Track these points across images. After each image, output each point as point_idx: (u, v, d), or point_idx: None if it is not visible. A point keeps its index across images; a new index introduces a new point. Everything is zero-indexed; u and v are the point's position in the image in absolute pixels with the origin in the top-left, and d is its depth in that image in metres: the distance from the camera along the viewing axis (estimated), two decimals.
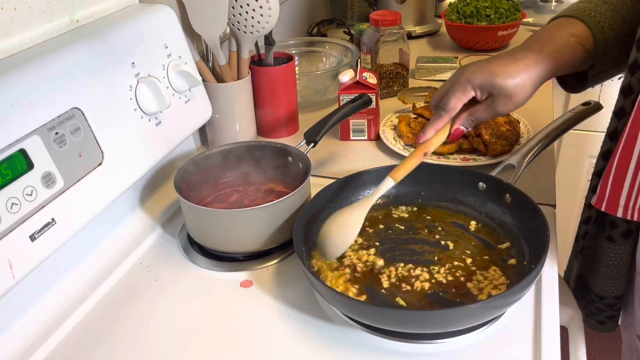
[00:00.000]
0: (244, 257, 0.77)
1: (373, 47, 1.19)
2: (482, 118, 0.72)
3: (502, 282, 0.67)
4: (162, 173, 0.90)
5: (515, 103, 0.69)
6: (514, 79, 0.68)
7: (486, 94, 0.70)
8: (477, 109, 0.72)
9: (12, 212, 0.59)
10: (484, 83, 0.69)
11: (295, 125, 1.09)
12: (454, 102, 0.71)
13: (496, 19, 1.42)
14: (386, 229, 0.77)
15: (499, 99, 0.69)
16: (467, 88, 0.70)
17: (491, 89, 0.69)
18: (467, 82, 0.70)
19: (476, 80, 0.69)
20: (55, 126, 0.65)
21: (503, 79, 0.68)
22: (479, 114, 0.72)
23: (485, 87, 0.69)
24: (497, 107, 0.70)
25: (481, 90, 0.70)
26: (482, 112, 0.71)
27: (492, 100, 0.70)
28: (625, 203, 0.64)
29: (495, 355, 0.61)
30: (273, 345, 0.63)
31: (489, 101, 0.70)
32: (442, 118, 0.72)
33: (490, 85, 0.68)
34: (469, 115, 0.72)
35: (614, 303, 0.80)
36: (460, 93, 0.70)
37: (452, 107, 0.71)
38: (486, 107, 0.71)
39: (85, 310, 0.69)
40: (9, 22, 0.67)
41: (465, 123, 0.73)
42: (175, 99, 0.84)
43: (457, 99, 0.71)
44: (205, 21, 0.90)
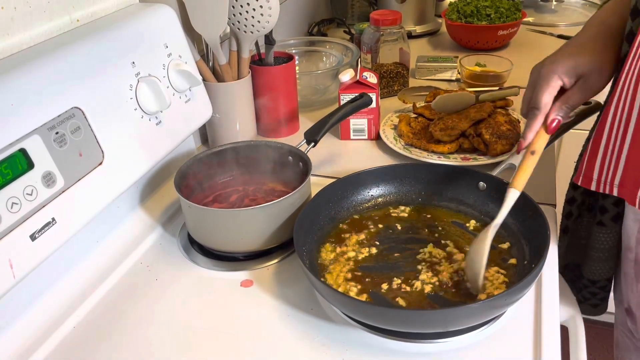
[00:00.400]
0: (244, 256, 0.77)
1: (373, 47, 1.19)
2: (577, 101, 0.70)
3: (502, 282, 0.67)
4: (162, 172, 0.90)
5: (607, 75, 0.68)
6: (597, 54, 0.67)
7: (574, 78, 0.69)
8: (570, 94, 0.70)
9: (13, 211, 0.59)
10: (569, 67, 0.68)
11: (296, 124, 1.09)
12: (545, 97, 0.69)
13: (496, 19, 1.42)
14: (386, 229, 0.77)
15: (591, 77, 0.68)
16: (552, 79, 0.69)
17: (578, 69, 0.68)
18: (551, 73, 0.69)
19: (559, 68, 0.68)
20: (56, 126, 0.65)
21: (585, 56, 0.67)
22: (572, 98, 0.70)
23: (571, 71, 0.68)
24: (591, 85, 0.68)
25: (568, 75, 0.69)
26: (576, 94, 0.69)
27: (584, 81, 0.68)
28: (598, 177, 0.67)
29: (496, 354, 0.61)
30: (273, 344, 0.63)
31: (580, 82, 0.69)
32: (537, 117, 0.70)
33: (576, 67, 0.68)
34: (563, 103, 0.70)
35: (605, 285, 0.82)
36: (547, 86, 0.69)
37: (544, 103, 0.69)
38: (578, 89, 0.69)
39: (85, 310, 0.70)
40: (9, 22, 0.67)
41: (561, 112, 0.70)
42: (176, 98, 0.84)
43: (547, 93, 0.69)
44: (206, 21, 0.90)
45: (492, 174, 0.79)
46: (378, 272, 0.69)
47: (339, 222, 0.79)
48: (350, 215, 0.80)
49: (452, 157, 0.94)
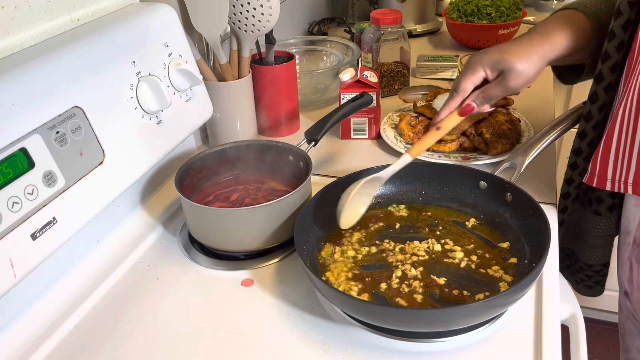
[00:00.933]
0: (244, 256, 0.77)
1: (374, 46, 1.19)
2: (494, 95, 0.76)
3: (502, 281, 0.67)
4: (163, 172, 0.90)
5: (525, 77, 0.73)
6: (522, 55, 0.72)
7: (496, 73, 0.74)
8: (489, 87, 0.76)
9: (13, 211, 0.59)
10: (493, 61, 0.73)
11: (296, 124, 1.09)
12: (465, 83, 0.75)
13: (497, 18, 1.42)
14: (387, 227, 0.77)
15: (509, 75, 0.73)
16: (477, 68, 0.75)
17: (500, 65, 0.73)
18: (477, 63, 0.75)
19: (485, 60, 0.74)
20: (56, 125, 0.65)
21: (511, 55, 0.72)
22: (490, 90, 0.76)
23: (495, 65, 0.74)
24: (508, 83, 0.74)
25: (491, 68, 0.74)
26: (494, 88, 0.75)
27: (503, 77, 0.74)
28: (612, 177, 0.71)
29: (496, 353, 0.61)
30: (274, 343, 0.63)
31: (500, 78, 0.74)
32: (454, 99, 0.76)
33: (499, 62, 0.73)
34: (481, 92, 0.76)
35: (600, 269, 0.86)
36: (470, 74, 0.75)
37: (462, 88, 0.76)
38: (497, 83, 0.75)
39: (86, 309, 0.70)
40: (9, 21, 0.67)
41: (477, 100, 0.76)
42: (176, 97, 0.84)
43: (468, 80, 0.75)
44: (206, 20, 0.90)
45: (492, 173, 0.79)
46: (379, 271, 0.69)
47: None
48: None
49: (452, 156, 0.94)
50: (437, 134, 0.77)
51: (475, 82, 0.75)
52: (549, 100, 1.16)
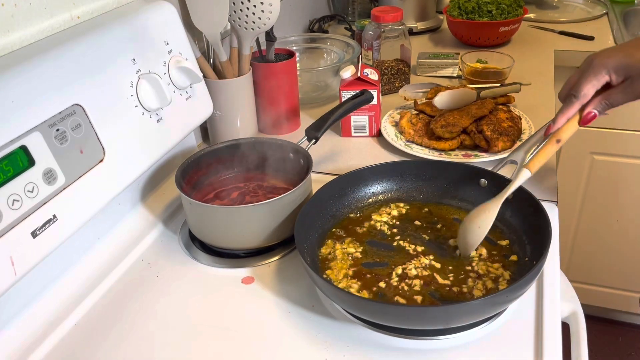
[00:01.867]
0: (245, 253, 0.77)
1: (374, 43, 1.19)
2: (618, 101, 0.70)
3: (503, 278, 0.67)
4: (163, 170, 0.90)
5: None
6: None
7: (622, 77, 0.69)
8: (613, 92, 0.70)
9: (14, 208, 0.59)
10: (621, 65, 0.67)
11: (297, 121, 1.09)
12: (587, 88, 0.69)
13: (498, 15, 1.42)
14: (388, 226, 0.77)
15: (638, 80, 0.67)
16: (601, 72, 0.69)
17: (628, 70, 0.67)
18: (601, 66, 0.68)
19: (611, 63, 0.68)
20: (56, 123, 0.64)
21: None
22: (614, 96, 0.70)
23: (622, 70, 0.68)
24: (636, 88, 0.68)
25: (617, 73, 0.68)
26: (619, 94, 0.69)
27: (631, 82, 0.68)
28: None
29: (497, 351, 0.61)
30: (274, 341, 0.63)
31: (627, 83, 0.69)
32: (573, 105, 0.70)
33: (628, 66, 0.67)
34: (603, 98, 0.70)
35: None
36: (593, 78, 0.69)
37: (584, 94, 0.69)
38: (623, 89, 0.69)
39: (86, 307, 0.70)
40: (9, 19, 0.66)
41: (599, 107, 0.70)
42: (176, 95, 0.84)
43: (590, 85, 0.69)
44: (206, 17, 0.90)
45: (493, 171, 0.78)
46: (379, 268, 0.69)
47: (340, 219, 0.79)
48: (351, 212, 0.79)
49: (453, 153, 0.94)
50: (556, 147, 0.71)
51: (598, 87, 0.69)
52: (550, 97, 1.16)
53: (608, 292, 1.74)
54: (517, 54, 1.26)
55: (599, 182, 1.53)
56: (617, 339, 1.81)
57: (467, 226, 0.68)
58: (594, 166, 1.51)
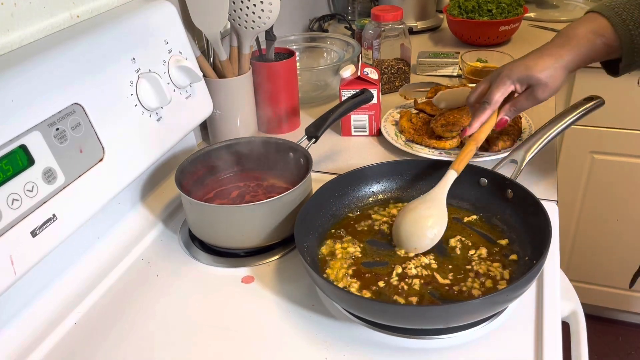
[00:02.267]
0: (245, 253, 0.77)
1: (374, 43, 1.19)
2: (524, 107, 0.80)
3: (503, 278, 0.67)
4: (163, 169, 0.90)
5: (551, 89, 0.78)
6: (547, 70, 0.77)
7: (525, 86, 0.79)
8: (519, 99, 0.80)
9: (13, 207, 0.59)
10: (522, 76, 0.78)
11: (297, 120, 1.09)
12: (497, 97, 0.79)
13: (498, 14, 1.42)
14: (388, 225, 0.77)
15: (537, 88, 0.78)
16: (507, 83, 0.79)
17: (529, 80, 0.78)
18: (506, 77, 0.79)
19: (514, 75, 0.78)
20: (56, 122, 0.64)
21: (538, 71, 0.77)
22: (520, 103, 0.80)
23: (524, 80, 0.78)
24: (537, 95, 0.79)
25: (520, 83, 0.79)
26: (524, 101, 0.80)
27: (532, 90, 0.79)
28: None
29: (497, 350, 0.61)
30: (274, 341, 0.63)
31: (529, 91, 0.79)
32: (486, 111, 0.80)
33: (527, 78, 0.78)
34: (512, 105, 0.81)
35: None
36: (502, 87, 0.79)
37: (495, 101, 0.80)
38: (527, 96, 0.80)
39: (86, 306, 0.70)
40: (9, 18, 0.66)
41: (509, 113, 0.81)
42: (176, 94, 0.84)
43: (500, 93, 0.79)
44: (206, 16, 0.90)
45: (493, 170, 0.78)
46: (379, 268, 0.69)
47: (340, 218, 0.79)
48: (351, 212, 0.79)
49: (453, 153, 0.94)
50: (475, 148, 0.79)
51: (505, 95, 0.80)
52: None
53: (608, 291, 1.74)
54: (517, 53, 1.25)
55: (599, 182, 1.53)
56: (617, 338, 1.81)
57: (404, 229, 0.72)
58: (594, 165, 1.51)
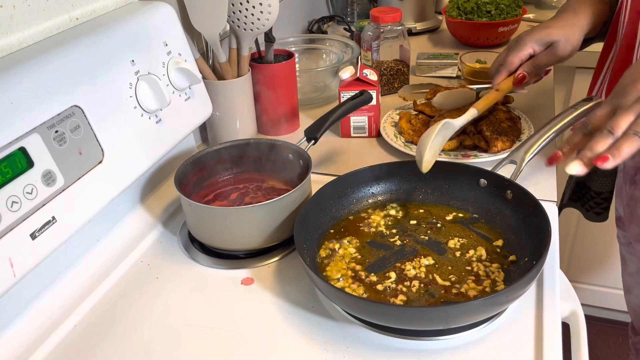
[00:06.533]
0: (244, 254, 0.77)
1: (373, 44, 1.19)
2: (543, 63, 0.83)
3: (503, 279, 0.67)
4: (162, 171, 0.90)
5: (572, 46, 0.82)
6: (567, 28, 0.81)
7: (544, 47, 0.82)
8: (539, 56, 0.83)
9: (13, 210, 0.59)
10: (541, 37, 0.81)
11: (296, 122, 1.09)
12: (512, 58, 0.83)
13: (497, 15, 1.42)
14: (387, 226, 0.77)
15: (558, 44, 0.81)
16: (525, 45, 0.82)
17: (549, 38, 0.81)
18: (526, 40, 0.82)
19: (533, 37, 0.82)
20: (55, 124, 0.64)
21: (557, 29, 0.81)
22: (540, 59, 0.83)
23: (543, 40, 0.82)
24: (557, 51, 0.82)
25: (538, 44, 0.82)
26: (544, 57, 0.83)
27: (552, 47, 0.82)
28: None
29: (497, 351, 0.61)
30: (274, 342, 0.63)
31: (549, 49, 0.82)
32: (502, 73, 0.84)
33: (548, 36, 0.81)
34: (532, 62, 0.84)
35: (607, 196, 1.02)
36: (518, 50, 0.83)
37: (510, 62, 0.83)
38: (547, 53, 0.83)
39: (86, 309, 0.70)
40: (8, 20, 0.66)
41: (527, 68, 0.84)
42: (175, 96, 0.84)
43: (516, 56, 0.83)
44: (205, 18, 0.90)
45: (492, 171, 0.78)
46: (379, 269, 0.69)
47: (340, 219, 0.79)
48: (350, 213, 0.79)
49: (452, 154, 0.94)
50: (498, 94, 0.83)
51: (522, 59, 0.82)
52: (550, 97, 1.16)
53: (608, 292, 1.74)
54: None
55: None
56: (617, 339, 1.81)
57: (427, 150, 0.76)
58: None
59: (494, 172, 0.78)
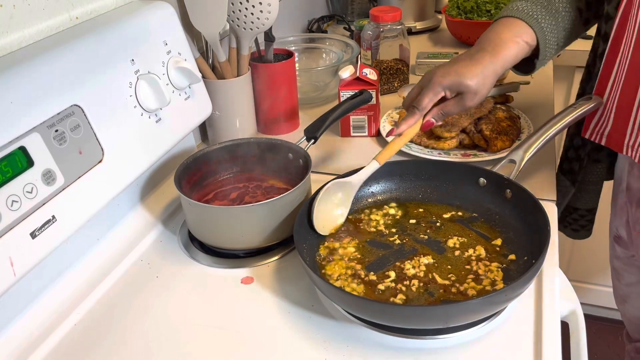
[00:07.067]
0: (244, 253, 0.77)
1: (373, 43, 1.19)
2: (452, 112, 0.82)
3: (502, 278, 0.67)
4: (162, 170, 0.90)
5: (480, 97, 0.80)
6: (477, 78, 0.78)
7: (455, 93, 0.80)
8: (448, 105, 0.81)
9: (13, 209, 0.59)
10: (453, 84, 0.79)
11: (296, 121, 1.09)
12: (426, 102, 0.80)
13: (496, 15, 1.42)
14: (387, 225, 0.77)
15: (467, 96, 0.79)
16: (438, 89, 0.80)
17: (459, 88, 0.79)
18: (437, 84, 0.80)
19: (446, 82, 0.79)
20: (55, 123, 0.64)
21: (468, 79, 0.78)
22: (449, 108, 0.81)
23: (454, 87, 0.79)
24: (465, 102, 0.80)
25: (450, 90, 0.80)
26: (452, 106, 0.81)
27: (461, 97, 0.80)
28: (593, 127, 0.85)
29: (497, 350, 0.61)
30: (274, 341, 0.64)
31: (458, 98, 0.80)
32: (415, 115, 0.81)
33: (458, 85, 0.79)
34: (440, 109, 0.82)
35: (585, 214, 1.00)
36: (432, 94, 0.80)
37: (424, 106, 0.81)
38: (455, 102, 0.81)
39: (86, 308, 0.70)
40: (8, 20, 0.66)
41: (436, 116, 0.82)
42: (175, 95, 0.84)
43: (429, 99, 0.80)
44: (205, 18, 0.90)
45: (492, 170, 0.79)
46: (378, 268, 0.69)
47: None
48: (350, 212, 0.79)
49: (452, 153, 0.94)
50: (401, 142, 0.81)
51: (435, 101, 0.81)
52: (549, 96, 1.16)
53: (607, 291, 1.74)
54: None
55: None
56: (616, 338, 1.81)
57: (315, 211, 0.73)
58: None
59: (493, 171, 0.78)
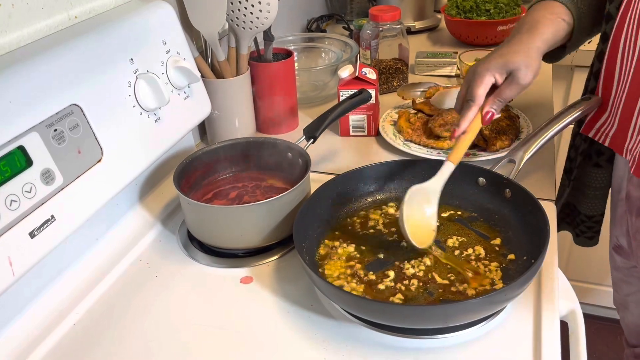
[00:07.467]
0: (244, 253, 0.77)
1: (372, 43, 1.19)
2: (508, 95, 0.78)
3: (501, 277, 0.67)
4: (161, 169, 0.90)
5: (533, 71, 0.76)
6: (522, 53, 0.76)
7: (504, 75, 0.77)
8: (502, 90, 0.78)
9: (12, 209, 0.59)
10: (499, 65, 0.76)
11: (295, 121, 1.09)
12: (479, 91, 0.77)
13: (496, 14, 1.42)
14: (386, 225, 0.77)
15: (518, 73, 0.76)
16: (486, 76, 0.77)
17: (507, 66, 0.76)
18: (484, 71, 0.77)
19: (491, 66, 0.77)
20: (54, 123, 0.64)
21: (513, 55, 0.76)
22: (504, 92, 0.78)
23: (502, 67, 0.76)
24: (520, 80, 0.76)
25: (499, 72, 0.77)
26: (507, 89, 0.78)
27: (513, 77, 0.77)
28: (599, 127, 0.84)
29: (496, 350, 0.61)
30: (273, 341, 0.63)
31: (510, 79, 0.77)
32: (472, 108, 0.77)
33: (505, 64, 0.76)
34: (496, 97, 0.78)
35: (599, 220, 0.98)
36: (481, 82, 0.77)
37: (478, 96, 0.77)
38: (509, 84, 0.77)
39: (85, 307, 0.70)
40: (6, 19, 0.66)
41: (494, 105, 0.78)
42: (174, 95, 0.84)
43: (481, 88, 0.77)
44: (204, 17, 0.90)
45: (491, 170, 0.79)
46: (378, 267, 0.69)
47: (339, 218, 0.79)
48: (349, 212, 0.79)
49: None
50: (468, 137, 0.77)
51: (487, 89, 0.77)
52: (548, 96, 1.16)
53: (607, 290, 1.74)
54: None
55: None
56: (615, 337, 1.81)
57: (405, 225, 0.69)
58: None
59: (492, 171, 0.78)
